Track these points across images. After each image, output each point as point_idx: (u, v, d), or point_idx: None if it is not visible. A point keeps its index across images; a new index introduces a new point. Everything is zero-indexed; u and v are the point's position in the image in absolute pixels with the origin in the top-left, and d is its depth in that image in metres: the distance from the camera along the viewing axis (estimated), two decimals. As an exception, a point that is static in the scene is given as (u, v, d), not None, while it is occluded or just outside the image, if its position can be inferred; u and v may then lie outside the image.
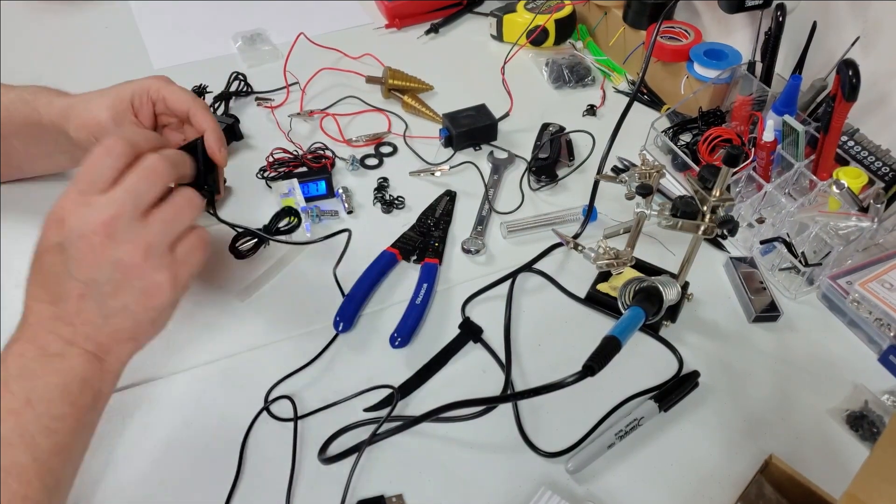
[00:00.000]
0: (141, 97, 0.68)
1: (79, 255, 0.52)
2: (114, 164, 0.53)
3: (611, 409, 0.66)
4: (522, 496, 0.60)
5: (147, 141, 0.56)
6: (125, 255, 0.52)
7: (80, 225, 0.52)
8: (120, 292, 0.54)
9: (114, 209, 0.52)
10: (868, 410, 0.66)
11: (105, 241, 0.52)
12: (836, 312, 0.75)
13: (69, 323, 0.54)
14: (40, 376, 0.53)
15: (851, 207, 0.75)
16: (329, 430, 0.63)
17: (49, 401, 0.52)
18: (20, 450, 0.51)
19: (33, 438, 0.51)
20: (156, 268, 0.54)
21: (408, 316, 0.72)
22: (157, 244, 0.54)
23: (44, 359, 0.53)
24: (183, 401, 0.65)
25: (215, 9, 1.17)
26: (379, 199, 0.85)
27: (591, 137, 0.93)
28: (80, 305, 0.54)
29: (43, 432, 0.52)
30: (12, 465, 0.50)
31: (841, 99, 0.74)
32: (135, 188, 0.53)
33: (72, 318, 0.54)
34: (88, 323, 0.54)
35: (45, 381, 0.53)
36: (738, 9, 0.87)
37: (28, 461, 0.50)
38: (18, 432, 0.51)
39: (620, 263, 0.67)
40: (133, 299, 0.54)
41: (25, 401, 0.52)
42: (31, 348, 0.53)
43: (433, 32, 1.14)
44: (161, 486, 0.60)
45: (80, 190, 0.53)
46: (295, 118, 0.95)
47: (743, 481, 0.61)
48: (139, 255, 0.53)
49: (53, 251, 0.54)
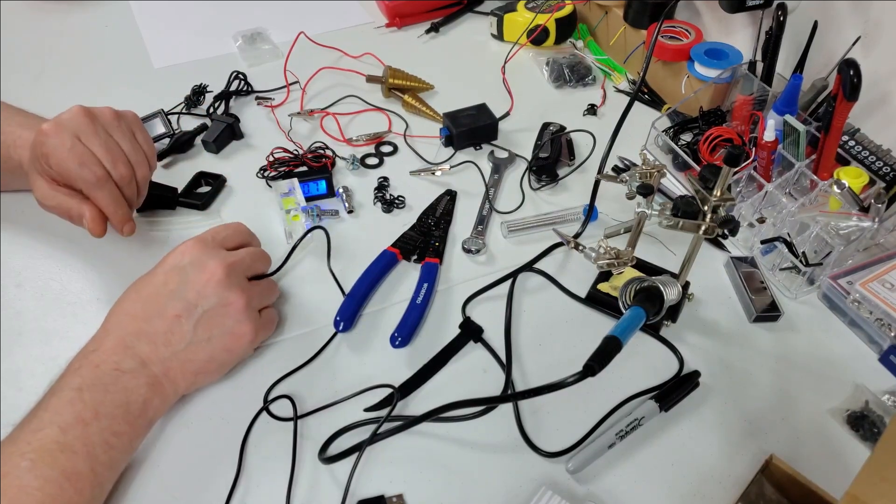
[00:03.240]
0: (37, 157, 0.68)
1: (195, 280, 0.61)
2: (236, 238, 0.68)
3: (611, 409, 0.66)
4: (523, 496, 0.60)
5: (252, 237, 0.71)
6: (233, 296, 0.62)
7: (205, 259, 0.62)
8: (213, 323, 0.61)
9: (234, 260, 0.64)
10: (869, 410, 0.66)
11: (222, 279, 0.62)
12: (836, 312, 0.75)
13: (151, 342, 0.59)
14: (111, 391, 0.56)
15: (852, 207, 0.75)
16: (329, 429, 0.63)
17: (113, 417, 0.56)
18: (82, 458, 0.53)
19: (94, 449, 0.54)
20: (249, 318, 0.63)
21: (408, 315, 0.72)
22: (256, 303, 0.65)
23: (116, 373, 0.57)
24: (183, 401, 0.65)
25: (215, 8, 1.17)
26: (379, 198, 0.85)
27: (591, 137, 0.93)
28: (172, 325, 0.60)
29: (103, 446, 0.55)
30: (73, 472, 0.52)
31: (842, 99, 0.73)
32: (250, 255, 0.67)
33: (156, 338, 0.60)
34: (170, 345, 0.60)
35: (113, 397, 0.56)
36: (739, 8, 0.87)
37: (86, 471, 0.53)
38: (83, 441, 0.54)
39: (621, 263, 0.67)
40: (220, 334, 0.62)
41: (94, 412, 0.55)
42: (107, 360, 0.58)
43: (434, 32, 1.14)
44: (161, 485, 0.60)
45: (207, 242, 0.64)
46: (295, 117, 0.95)
47: (743, 481, 0.61)
48: (243, 301, 0.63)
49: (172, 272, 0.62)
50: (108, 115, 0.68)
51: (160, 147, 0.89)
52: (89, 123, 0.67)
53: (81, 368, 0.57)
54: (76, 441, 0.53)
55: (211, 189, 0.85)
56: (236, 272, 0.63)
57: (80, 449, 0.53)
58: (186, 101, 0.97)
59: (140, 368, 0.58)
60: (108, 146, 0.67)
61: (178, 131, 0.92)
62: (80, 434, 0.53)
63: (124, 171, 0.68)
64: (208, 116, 0.95)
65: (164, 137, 0.90)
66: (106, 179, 0.67)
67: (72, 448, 0.53)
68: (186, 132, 0.91)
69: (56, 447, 0.52)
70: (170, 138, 0.90)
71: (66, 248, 0.78)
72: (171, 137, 0.90)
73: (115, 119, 0.69)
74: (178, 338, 0.60)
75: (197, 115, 0.96)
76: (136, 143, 0.70)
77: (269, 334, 0.69)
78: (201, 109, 0.97)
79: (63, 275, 0.76)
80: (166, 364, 0.60)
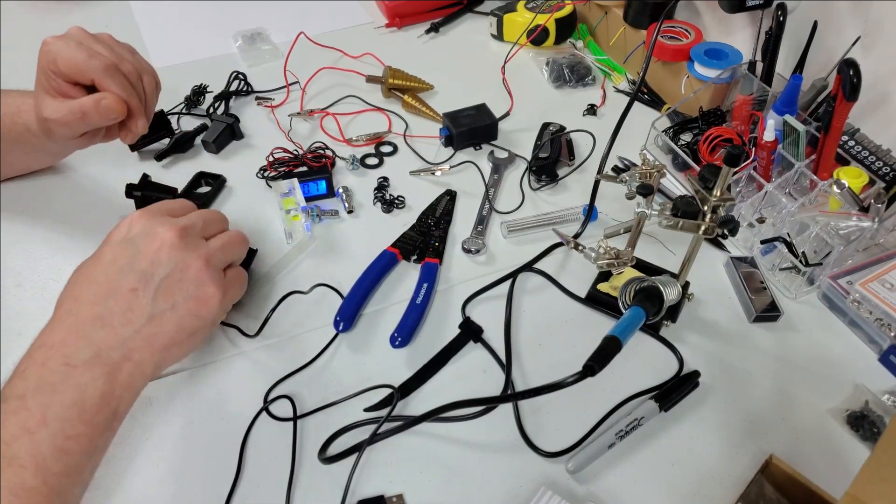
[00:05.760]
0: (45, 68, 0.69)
1: (146, 249, 0.57)
2: (185, 208, 0.64)
3: (611, 409, 0.66)
4: (523, 496, 0.60)
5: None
6: (189, 258, 0.58)
7: (154, 226, 0.58)
8: (174, 290, 0.57)
9: (185, 223, 0.60)
10: (868, 410, 0.66)
11: (174, 242, 0.57)
12: (836, 312, 0.75)
13: (108, 325, 0.54)
14: (59, 391, 0.51)
15: (852, 207, 0.75)
16: (329, 429, 0.63)
17: (64, 419, 0.51)
18: (31, 472, 0.49)
19: (45, 460, 0.49)
20: (212, 279, 0.59)
21: (408, 316, 0.72)
22: (216, 261, 0.60)
23: (65, 369, 0.52)
24: (183, 401, 0.65)
25: (215, 8, 1.17)
26: (379, 198, 0.85)
27: (591, 137, 0.93)
28: (130, 301, 0.55)
29: (55, 454, 0.50)
30: (21, 487, 0.48)
31: (842, 99, 0.73)
32: (202, 217, 0.62)
33: (112, 319, 0.54)
34: (130, 324, 0.55)
35: (62, 398, 0.51)
36: (739, 8, 0.87)
37: (37, 484, 0.49)
38: (31, 453, 0.49)
39: (621, 263, 0.67)
40: (183, 299, 0.57)
41: (41, 419, 0.50)
42: (55, 356, 0.52)
43: (433, 32, 1.14)
44: (161, 486, 0.60)
45: (153, 211, 0.61)
46: (295, 118, 0.95)
47: (743, 481, 0.61)
48: (201, 261, 0.58)
49: (119, 246, 0.57)
50: (106, 35, 0.71)
51: (160, 147, 0.89)
52: (90, 35, 0.69)
53: (26, 371, 0.52)
54: (23, 454, 0.48)
55: (211, 189, 0.85)
56: (190, 234, 0.59)
57: (28, 461, 0.48)
58: (186, 101, 0.97)
59: (94, 359, 0.53)
60: (112, 48, 0.69)
61: (178, 131, 0.92)
62: (27, 445, 0.49)
63: (130, 68, 0.69)
64: (208, 116, 0.95)
65: (164, 137, 0.90)
66: (116, 68, 0.68)
67: (18, 462, 0.48)
68: (186, 132, 0.91)
69: (2, 462, 0.48)
70: (170, 138, 0.90)
71: (66, 248, 0.78)
72: (171, 137, 0.90)
73: (113, 38, 0.71)
74: (137, 314, 0.55)
75: (197, 115, 0.96)
76: (138, 55, 0.72)
77: (239, 294, 0.65)
78: (201, 109, 0.97)
79: (63, 275, 0.75)
80: (127, 345, 0.54)
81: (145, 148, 0.89)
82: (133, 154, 0.89)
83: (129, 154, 0.89)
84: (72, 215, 0.82)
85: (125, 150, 0.88)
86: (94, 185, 0.85)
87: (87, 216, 0.81)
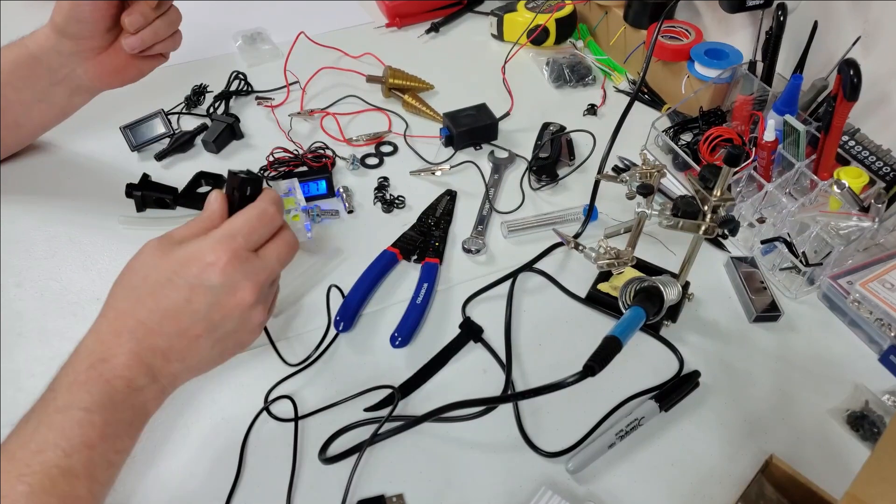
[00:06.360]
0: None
1: (225, 303, 0.55)
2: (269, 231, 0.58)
3: (611, 409, 0.66)
4: (523, 496, 0.60)
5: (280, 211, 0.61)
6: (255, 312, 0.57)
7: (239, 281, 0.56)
8: (229, 341, 0.58)
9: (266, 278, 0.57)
10: (869, 410, 0.66)
11: (250, 303, 0.56)
12: (836, 312, 0.75)
13: (166, 358, 0.55)
14: (120, 409, 0.53)
15: (852, 207, 0.75)
16: (329, 430, 0.63)
17: (118, 436, 0.53)
18: (82, 483, 0.50)
19: (95, 471, 0.51)
20: (264, 313, 0.58)
21: (408, 316, 0.72)
22: (271, 293, 0.60)
23: (128, 391, 0.54)
24: (183, 401, 0.65)
25: (215, 8, 1.17)
26: (379, 198, 0.85)
27: (591, 137, 0.93)
28: (192, 344, 0.56)
29: (104, 465, 0.52)
30: (72, 497, 0.50)
31: (842, 99, 0.73)
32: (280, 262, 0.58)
33: (171, 355, 0.55)
34: (184, 361, 0.56)
35: (122, 416, 0.53)
36: (739, 8, 0.87)
37: (85, 493, 0.51)
38: (86, 465, 0.51)
39: (621, 263, 0.67)
40: (231, 346, 0.58)
41: (102, 434, 0.52)
42: (120, 376, 0.53)
43: (434, 31, 1.14)
44: (161, 486, 0.60)
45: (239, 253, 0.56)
46: (295, 117, 0.95)
47: (743, 481, 0.61)
48: (263, 318, 0.58)
49: (199, 290, 0.55)
50: None
51: (160, 147, 0.89)
52: None
53: (89, 383, 0.53)
54: (79, 465, 0.50)
55: (211, 189, 0.85)
56: (265, 290, 0.58)
57: (82, 472, 0.50)
58: (186, 101, 0.97)
59: (151, 384, 0.55)
60: None
61: (178, 131, 0.92)
62: (85, 458, 0.51)
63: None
64: (208, 116, 0.95)
65: (164, 137, 0.90)
66: None
67: (74, 473, 0.50)
68: (186, 132, 0.91)
69: (57, 472, 0.49)
70: (170, 138, 0.90)
71: (66, 248, 0.78)
72: (172, 137, 0.90)
73: None
74: (193, 354, 0.57)
75: (197, 115, 0.96)
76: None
77: None
78: (201, 109, 0.97)
79: (63, 275, 0.76)
80: (176, 377, 0.57)
81: (146, 148, 0.89)
82: (133, 154, 0.89)
83: (129, 154, 0.89)
84: (72, 215, 0.82)
85: (125, 150, 0.88)
86: (94, 185, 0.85)
87: (88, 216, 0.81)
